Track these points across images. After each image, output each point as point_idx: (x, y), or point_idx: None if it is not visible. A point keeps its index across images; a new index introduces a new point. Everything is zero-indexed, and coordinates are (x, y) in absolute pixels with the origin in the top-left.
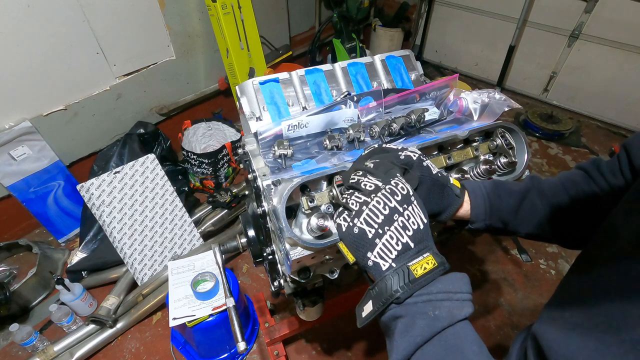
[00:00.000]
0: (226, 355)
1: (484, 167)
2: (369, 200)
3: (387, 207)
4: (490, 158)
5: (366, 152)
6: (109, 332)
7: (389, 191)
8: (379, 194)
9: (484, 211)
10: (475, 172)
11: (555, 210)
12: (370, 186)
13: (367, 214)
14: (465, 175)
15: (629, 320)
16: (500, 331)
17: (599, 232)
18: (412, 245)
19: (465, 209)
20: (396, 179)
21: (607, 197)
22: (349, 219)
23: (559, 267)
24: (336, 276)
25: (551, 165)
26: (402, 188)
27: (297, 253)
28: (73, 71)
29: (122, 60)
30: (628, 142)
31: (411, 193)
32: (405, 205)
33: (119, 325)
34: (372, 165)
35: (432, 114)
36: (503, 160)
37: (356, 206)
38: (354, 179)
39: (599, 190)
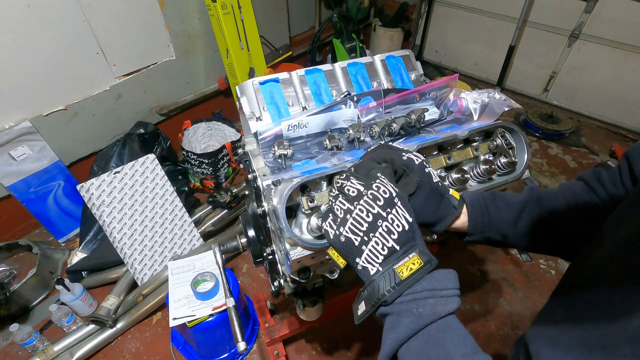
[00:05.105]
0: (226, 355)
1: (484, 167)
2: (352, 208)
3: (370, 215)
4: (490, 158)
5: (372, 148)
6: (109, 332)
7: (371, 197)
8: (362, 201)
9: (482, 223)
10: (475, 172)
11: (554, 221)
12: (353, 192)
13: (352, 223)
14: (465, 175)
15: (609, 334)
16: (500, 331)
17: (588, 243)
18: (397, 247)
19: (463, 220)
20: (378, 181)
21: (607, 208)
22: (335, 226)
23: (559, 267)
24: (336, 276)
25: (551, 165)
26: (384, 191)
27: (297, 253)
28: (73, 71)
29: (122, 60)
30: (629, 151)
31: (394, 194)
32: (388, 210)
33: (119, 325)
34: (353, 169)
35: (432, 114)
36: (503, 160)
37: (341, 213)
38: (338, 182)
39: (599, 201)
